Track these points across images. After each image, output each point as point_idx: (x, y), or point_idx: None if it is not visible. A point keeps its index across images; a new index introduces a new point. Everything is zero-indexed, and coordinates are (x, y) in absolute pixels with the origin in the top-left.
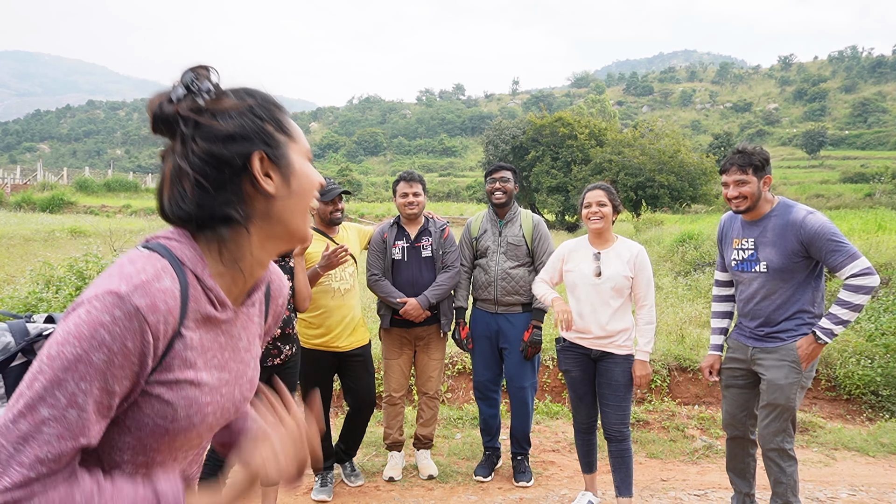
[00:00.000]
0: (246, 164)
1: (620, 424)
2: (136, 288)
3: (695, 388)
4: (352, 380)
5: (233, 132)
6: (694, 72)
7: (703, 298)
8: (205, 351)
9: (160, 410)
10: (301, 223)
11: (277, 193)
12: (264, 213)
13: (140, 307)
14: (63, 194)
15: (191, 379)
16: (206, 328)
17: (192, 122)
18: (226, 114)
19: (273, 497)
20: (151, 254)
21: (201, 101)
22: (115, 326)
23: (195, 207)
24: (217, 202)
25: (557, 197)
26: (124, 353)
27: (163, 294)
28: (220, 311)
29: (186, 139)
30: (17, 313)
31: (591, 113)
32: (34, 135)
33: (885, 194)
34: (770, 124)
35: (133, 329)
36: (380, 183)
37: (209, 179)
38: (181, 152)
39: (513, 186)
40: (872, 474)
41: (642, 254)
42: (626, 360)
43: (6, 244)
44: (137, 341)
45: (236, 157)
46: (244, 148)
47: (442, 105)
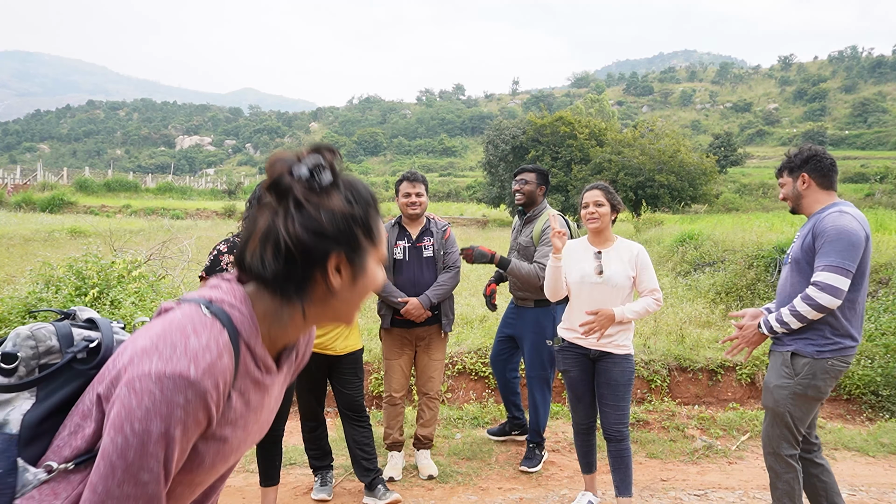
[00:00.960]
0: (325, 258)
1: (619, 424)
2: (205, 372)
3: (695, 388)
4: (341, 384)
5: (326, 231)
6: (694, 72)
7: (702, 298)
8: (246, 412)
9: (191, 457)
10: (351, 313)
11: (341, 290)
12: (323, 299)
13: (208, 389)
14: (63, 194)
15: (227, 436)
16: (251, 391)
17: (300, 204)
18: (330, 212)
19: (273, 497)
20: (214, 323)
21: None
22: (188, 406)
23: (269, 273)
24: (289, 277)
25: (557, 196)
26: (196, 424)
27: (224, 373)
28: (264, 376)
29: (288, 216)
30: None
31: (590, 113)
32: (34, 135)
33: (884, 194)
34: (770, 124)
35: (202, 406)
36: (380, 183)
37: (291, 258)
38: (280, 223)
39: (534, 188)
40: (872, 474)
41: (643, 253)
42: (624, 360)
43: (6, 244)
44: (203, 415)
45: (320, 251)
46: (329, 247)
47: (442, 105)
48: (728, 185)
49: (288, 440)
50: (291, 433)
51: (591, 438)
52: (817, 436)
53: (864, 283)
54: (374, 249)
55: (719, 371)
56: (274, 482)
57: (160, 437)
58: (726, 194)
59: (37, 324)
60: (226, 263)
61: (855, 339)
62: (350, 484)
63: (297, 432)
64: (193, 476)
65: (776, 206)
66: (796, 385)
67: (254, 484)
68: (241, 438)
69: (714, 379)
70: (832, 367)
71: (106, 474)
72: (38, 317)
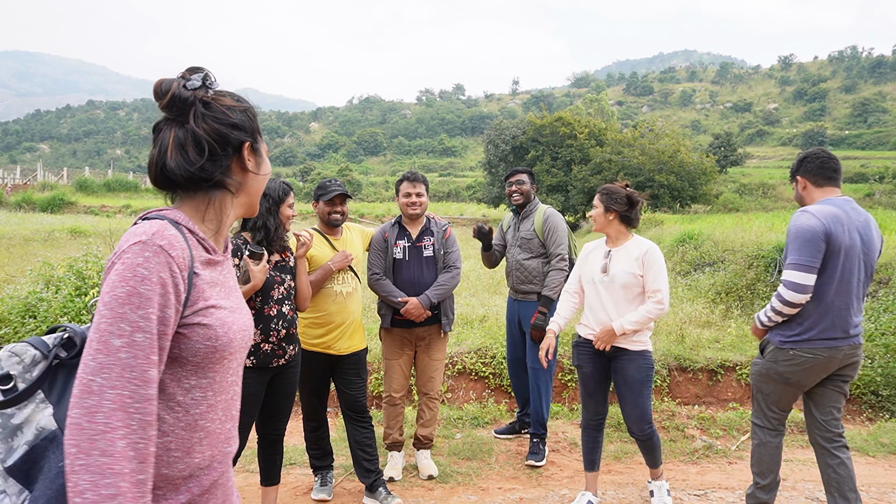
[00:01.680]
0: (239, 148)
1: (642, 423)
2: (154, 234)
3: (695, 388)
4: (344, 383)
5: (237, 123)
6: (694, 72)
7: (702, 298)
8: (214, 284)
9: (204, 334)
10: (257, 199)
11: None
12: (240, 185)
13: (162, 245)
14: (63, 194)
15: (214, 304)
16: (210, 268)
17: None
18: (232, 108)
19: (273, 497)
20: (151, 221)
21: (212, 93)
22: (148, 263)
23: (199, 170)
24: (215, 169)
25: (557, 196)
26: (161, 283)
27: (173, 237)
28: (215, 255)
29: (197, 117)
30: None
31: (590, 112)
32: (34, 135)
33: (884, 194)
34: (770, 124)
35: (162, 263)
36: (380, 183)
37: (212, 151)
38: (192, 127)
39: (529, 188)
40: (872, 474)
41: (652, 251)
42: (640, 356)
43: (6, 244)
44: (167, 272)
45: (237, 140)
46: (242, 136)
47: (442, 105)
48: (728, 185)
49: (288, 440)
50: (292, 433)
51: (598, 436)
52: (840, 430)
53: (834, 278)
54: (261, 141)
55: (719, 371)
56: (274, 482)
57: (126, 297)
58: (726, 194)
59: (10, 345)
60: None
61: (832, 335)
62: (350, 484)
63: (298, 432)
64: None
65: (776, 207)
66: (762, 366)
67: (254, 484)
68: (231, 309)
69: (714, 379)
70: (794, 356)
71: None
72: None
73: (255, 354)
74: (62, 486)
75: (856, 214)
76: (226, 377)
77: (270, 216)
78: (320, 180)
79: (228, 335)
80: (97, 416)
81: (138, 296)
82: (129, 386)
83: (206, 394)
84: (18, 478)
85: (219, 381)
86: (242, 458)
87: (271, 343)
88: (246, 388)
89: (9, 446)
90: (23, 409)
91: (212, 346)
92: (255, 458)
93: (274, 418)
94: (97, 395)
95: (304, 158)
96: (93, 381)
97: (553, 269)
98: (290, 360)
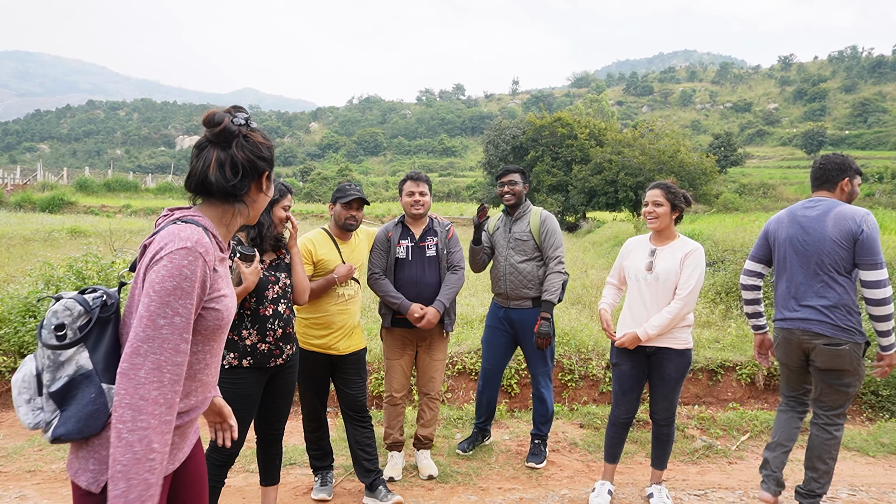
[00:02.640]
0: (261, 174)
1: (667, 413)
2: (196, 242)
3: (695, 388)
4: (344, 383)
5: (265, 156)
6: (694, 72)
7: (702, 298)
8: (223, 277)
9: (215, 315)
10: (259, 213)
11: (264, 193)
12: (252, 202)
13: (201, 252)
14: (63, 194)
15: (224, 293)
16: (221, 264)
17: (247, 138)
18: (263, 145)
19: (273, 497)
20: (190, 225)
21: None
22: (192, 266)
23: (232, 186)
24: (243, 187)
25: (557, 196)
26: (200, 280)
27: (209, 245)
28: (224, 254)
29: (238, 147)
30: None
31: (589, 112)
32: (34, 135)
33: (884, 194)
34: (770, 124)
35: (200, 265)
36: (380, 183)
37: (244, 174)
38: (232, 153)
39: (521, 188)
40: (872, 474)
41: (697, 252)
42: (680, 356)
43: (6, 244)
44: (202, 272)
45: (262, 168)
46: (265, 166)
47: (442, 105)
48: (728, 185)
49: (288, 440)
50: (291, 433)
51: (624, 433)
52: (805, 402)
53: (777, 267)
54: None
55: (719, 371)
56: (274, 482)
57: (173, 289)
58: (726, 194)
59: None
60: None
61: (781, 315)
62: (350, 484)
63: (297, 432)
64: (221, 332)
65: (776, 207)
66: None
67: (254, 484)
68: (225, 307)
69: (714, 379)
70: (775, 334)
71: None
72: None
73: (252, 354)
74: (90, 412)
75: (811, 212)
76: (220, 345)
77: (264, 214)
78: (341, 183)
79: (229, 315)
80: (140, 371)
81: (181, 290)
82: (165, 353)
83: (205, 356)
84: (56, 400)
85: (215, 348)
86: (242, 458)
87: (268, 343)
88: (244, 389)
89: (54, 376)
90: (67, 350)
91: (218, 323)
92: (255, 458)
93: (273, 419)
94: (142, 356)
95: (304, 158)
96: (141, 346)
97: (552, 273)
98: (288, 359)
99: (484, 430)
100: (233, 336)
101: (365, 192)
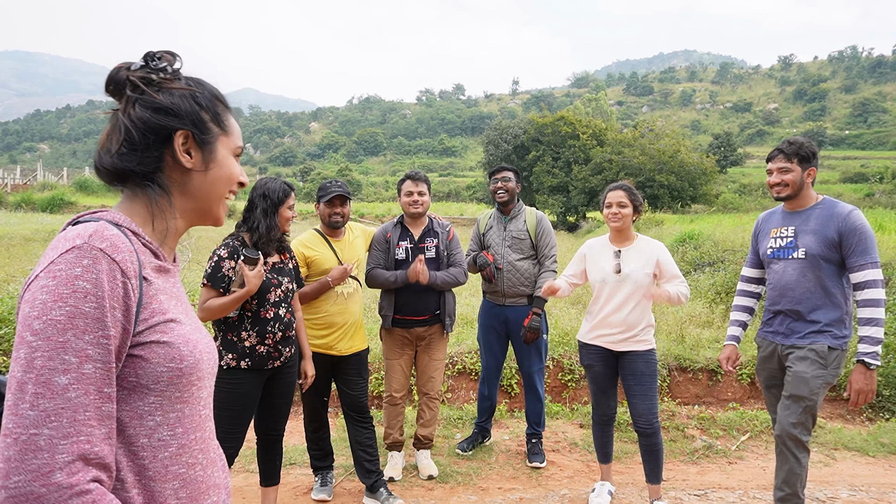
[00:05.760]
0: (170, 137)
1: (649, 415)
2: (91, 237)
3: (695, 388)
4: (346, 384)
5: (166, 106)
6: (694, 72)
7: (702, 298)
8: (170, 296)
9: (165, 354)
10: (215, 207)
11: (195, 175)
12: (181, 185)
13: (103, 248)
14: (63, 194)
15: (172, 318)
16: (162, 276)
17: (139, 90)
18: (168, 91)
19: (273, 497)
20: (85, 223)
21: (153, 75)
22: (89, 273)
23: (117, 160)
24: (137, 161)
25: (558, 197)
26: (110, 296)
27: (115, 238)
28: (165, 262)
29: (128, 102)
30: None
31: (588, 112)
32: (34, 135)
33: (884, 194)
34: (770, 124)
35: (105, 270)
36: (380, 183)
37: (134, 140)
38: (121, 113)
39: (514, 185)
40: (872, 474)
41: (664, 251)
42: (648, 353)
43: (6, 244)
44: (115, 281)
45: (162, 127)
46: (172, 123)
47: (442, 105)
48: (728, 185)
49: (288, 440)
50: (291, 433)
51: (609, 430)
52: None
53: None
54: (223, 137)
55: (719, 371)
56: (274, 482)
57: (68, 320)
58: (726, 194)
59: None
60: (227, 269)
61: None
62: (350, 484)
63: (297, 432)
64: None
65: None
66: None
67: (254, 484)
68: (192, 326)
69: (714, 379)
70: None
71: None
72: None
73: (250, 356)
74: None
75: None
76: (197, 409)
77: (268, 217)
78: (322, 181)
79: (195, 355)
80: (53, 476)
81: (83, 316)
82: (86, 431)
83: (174, 431)
84: None
85: (189, 416)
86: (242, 458)
87: (267, 345)
88: (241, 388)
89: None
90: None
91: (176, 368)
92: (255, 458)
93: (272, 419)
94: (47, 451)
95: (304, 158)
96: (37, 435)
97: (546, 271)
98: (287, 361)
99: (484, 430)
100: (232, 337)
101: (365, 192)
